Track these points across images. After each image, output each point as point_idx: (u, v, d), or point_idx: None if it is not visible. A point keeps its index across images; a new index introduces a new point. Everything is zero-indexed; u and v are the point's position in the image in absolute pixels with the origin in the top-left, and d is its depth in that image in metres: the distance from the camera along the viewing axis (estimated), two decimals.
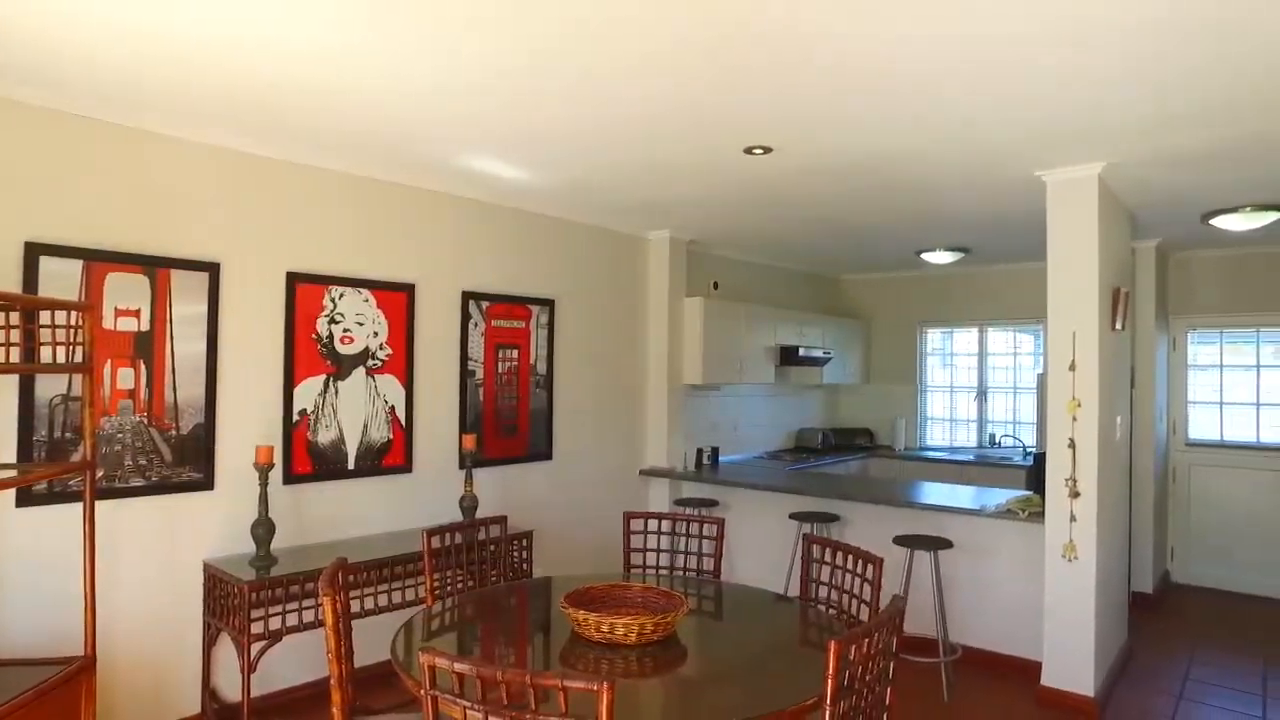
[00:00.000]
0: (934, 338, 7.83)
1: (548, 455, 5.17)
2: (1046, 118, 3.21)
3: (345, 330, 4.06)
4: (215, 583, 3.42)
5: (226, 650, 3.58)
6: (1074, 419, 4.00)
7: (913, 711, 3.93)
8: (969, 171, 4.02)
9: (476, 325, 4.73)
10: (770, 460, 6.72)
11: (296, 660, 3.84)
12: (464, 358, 4.65)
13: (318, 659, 3.86)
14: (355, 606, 3.52)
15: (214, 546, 3.56)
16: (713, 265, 6.55)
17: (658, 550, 3.52)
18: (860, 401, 8.10)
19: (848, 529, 5.04)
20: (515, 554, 4.19)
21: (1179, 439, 6.41)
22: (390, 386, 4.25)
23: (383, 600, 3.67)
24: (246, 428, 3.69)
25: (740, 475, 5.53)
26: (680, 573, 3.51)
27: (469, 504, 4.29)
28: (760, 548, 5.46)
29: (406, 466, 4.33)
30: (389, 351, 4.24)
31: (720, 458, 6.28)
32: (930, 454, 7.30)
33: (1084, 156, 3.77)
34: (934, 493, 4.88)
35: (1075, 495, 3.98)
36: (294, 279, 3.85)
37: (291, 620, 3.35)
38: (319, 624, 3.29)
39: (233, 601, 3.27)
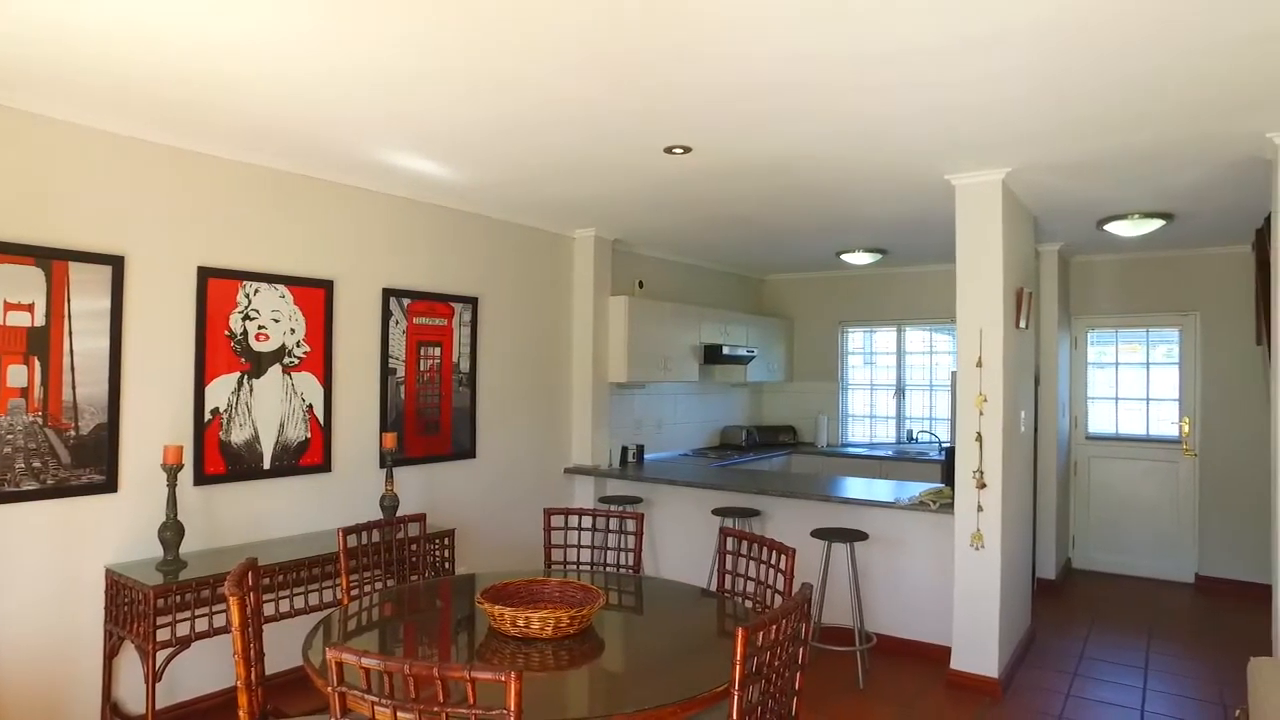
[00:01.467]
0: (855, 337, 8.05)
1: (471, 454, 5.13)
2: (953, 124, 3.34)
3: (261, 327, 3.96)
4: (118, 589, 3.28)
5: (130, 660, 3.44)
6: (980, 413, 4.18)
7: (829, 699, 4.04)
8: (883, 175, 4.15)
9: (398, 323, 4.66)
10: (695, 458, 6.81)
11: (207, 667, 3.72)
12: (385, 355, 4.58)
13: (230, 665, 3.75)
14: (270, 609, 3.44)
15: (117, 551, 3.43)
16: (638, 264, 6.60)
17: (578, 546, 3.53)
18: (783, 399, 8.27)
19: (769, 523, 5.15)
20: (436, 553, 4.15)
21: (1080, 433, 6.75)
22: (308, 384, 4.16)
23: (299, 603, 3.60)
24: (154, 427, 3.56)
25: (664, 473, 5.59)
26: (601, 568, 3.54)
27: (390, 503, 4.23)
28: (684, 544, 5.53)
29: (325, 466, 4.24)
30: (307, 349, 4.15)
31: (645, 455, 6.34)
32: (851, 450, 7.51)
33: (989, 162, 3.94)
34: (852, 487, 5.03)
35: (982, 486, 4.16)
36: (206, 274, 3.74)
37: (201, 625, 3.26)
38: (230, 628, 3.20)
39: (137, 608, 3.15)
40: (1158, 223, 4.97)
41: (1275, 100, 3.03)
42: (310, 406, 4.17)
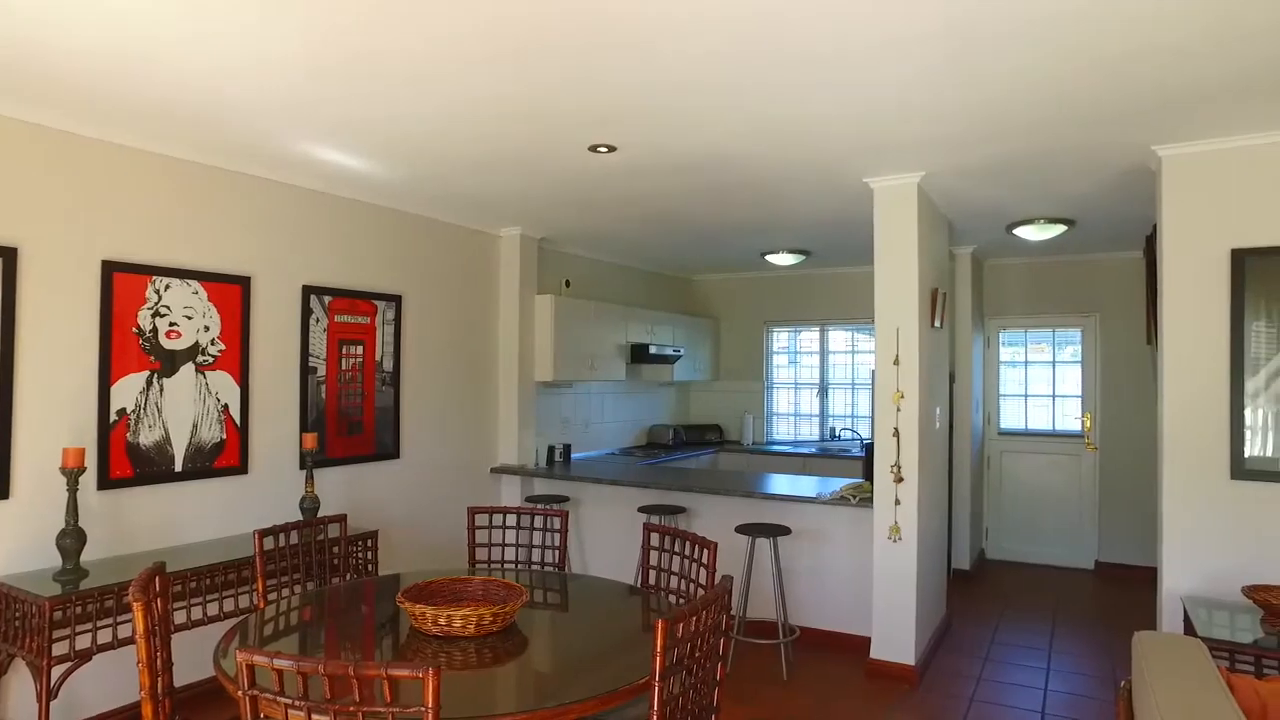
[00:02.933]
0: (780, 337, 8.21)
1: (395, 454, 5.05)
2: (869, 127, 3.45)
3: (172, 324, 3.81)
4: (7, 602, 3.07)
5: (22, 678, 3.25)
6: (898, 410, 4.32)
7: (753, 692, 4.12)
8: (806, 176, 4.25)
9: (318, 320, 4.55)
10: (622, 456, 6.83)
11: (112, 682, 3.56)
12: (305, 354, 4.47)
13: (136, 678, 3.59)
14: (181, 617, 3.31)
15: (8, 562, 3.24)
16: (565, 263, 6.59)
17: (503, 545, 3.52)
18: (710, 398, 8.38)
19: (695, 520, 5.22)
20: (359, 555, 4.07)
21: (992, 429, 7.04)
22: (223, 384, 4.02)
23: (213, 609, 3.47)
24: (52, 429, 3.39)
25: (591, 471, 5.60)
26: (527, 567, 3.53)
27: (310, 505, 4.13)
28: (611, 541, 5.55)
29: (241, 468, 4.11)
30: (222, 347, 4.02)
31: (572, 455, 6.34)
32: (776, 448, 7.66)
33: (904, 166, 4.08)
34: (776, 484, 5.13)
35: (899, 480, 4.30)
36: (111, 268, 3.57)
37: (105, 637, 3.10)
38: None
39: (30, 622, 2.96)
40: (1060, 228, 5.22)
41: (1156, 115, 3.23)
42: (226, 406, 4.03)
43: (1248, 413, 3.51)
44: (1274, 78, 2.86)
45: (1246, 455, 3.51)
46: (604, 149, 3.70)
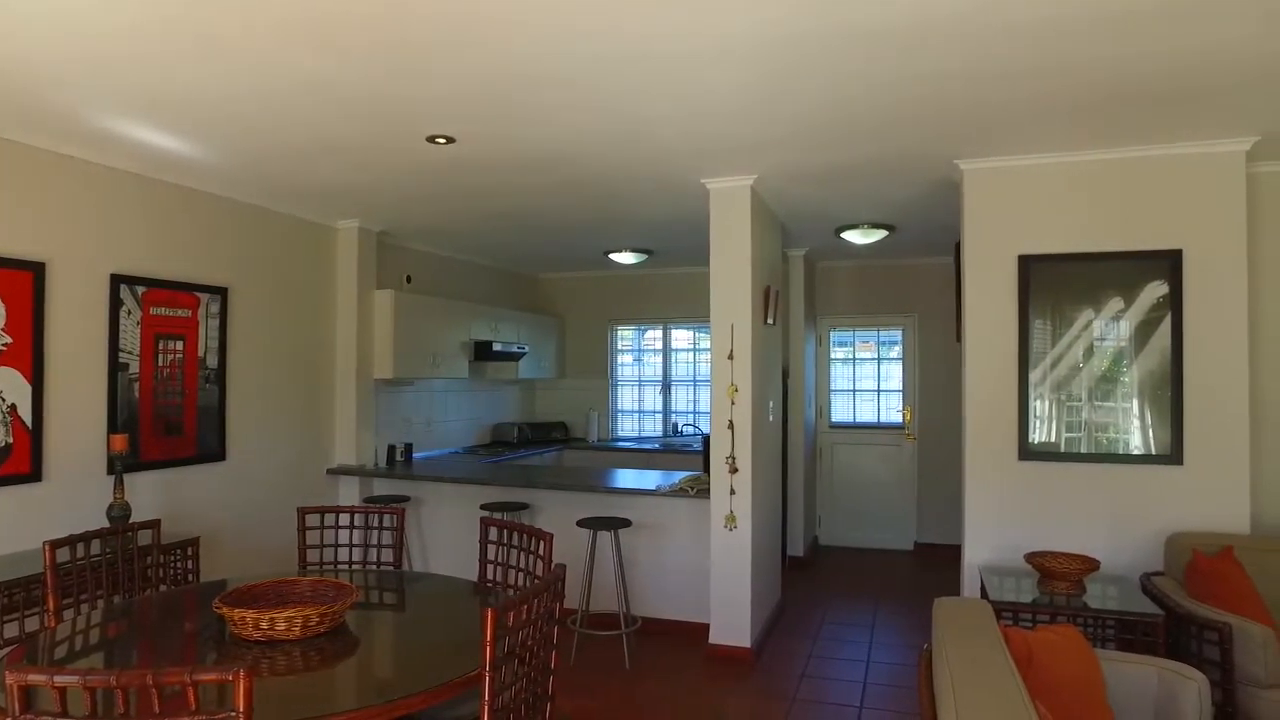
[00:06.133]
0: (624, 335, 8.34)
1: (221, 455, 4.74)
2: (704, 129, 3.58)
3: None
4: None
5: None
6: (732, 403, 4.51)
7: (597, 682, 4.18)
8: (646, 175, 4.35)
9: (130, 313, 4.20)
10: (466, 455, 6.73)
11: None
12: (114, 349, 4.11)
13: None
14: None
15: None
16: (407, 258, 6.41)
17: (336, 545, 3.39)
18: (556, 396, 8.40)
19: (538, 516, 5.22)
20: (177, 563, 3.79)
21: (824, 422, 7.47)
22: (10, 381, 3.63)
23: None
24: None
25: (433, 470, 5.49)
26: (362, 567, 3.42)
27: (120, 513, 3.79)
28: (454, 541, 5.46)
29: (34, 475, 3.73)
30: (8, 340, 3.63)
31: (414, 454, 6.18)
32: (621, 444, 7.78)
33: (739, 168, 4.26)
34: (619, 478, 5.22)
35: (734, 471, 4.49)
36: None
37: None
38: None
39: None
40: (882, 233, 5.62)
41: (958, 132, 3.56)
42: (13, 407, 3.65)
43: (1033, 400, 3.93)
44: (1043, 109, 3.23)
45: (1031, 439, 3.93)
46: (442, 139, 3.64)
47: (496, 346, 6.74)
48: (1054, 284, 3.91)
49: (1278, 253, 4.00)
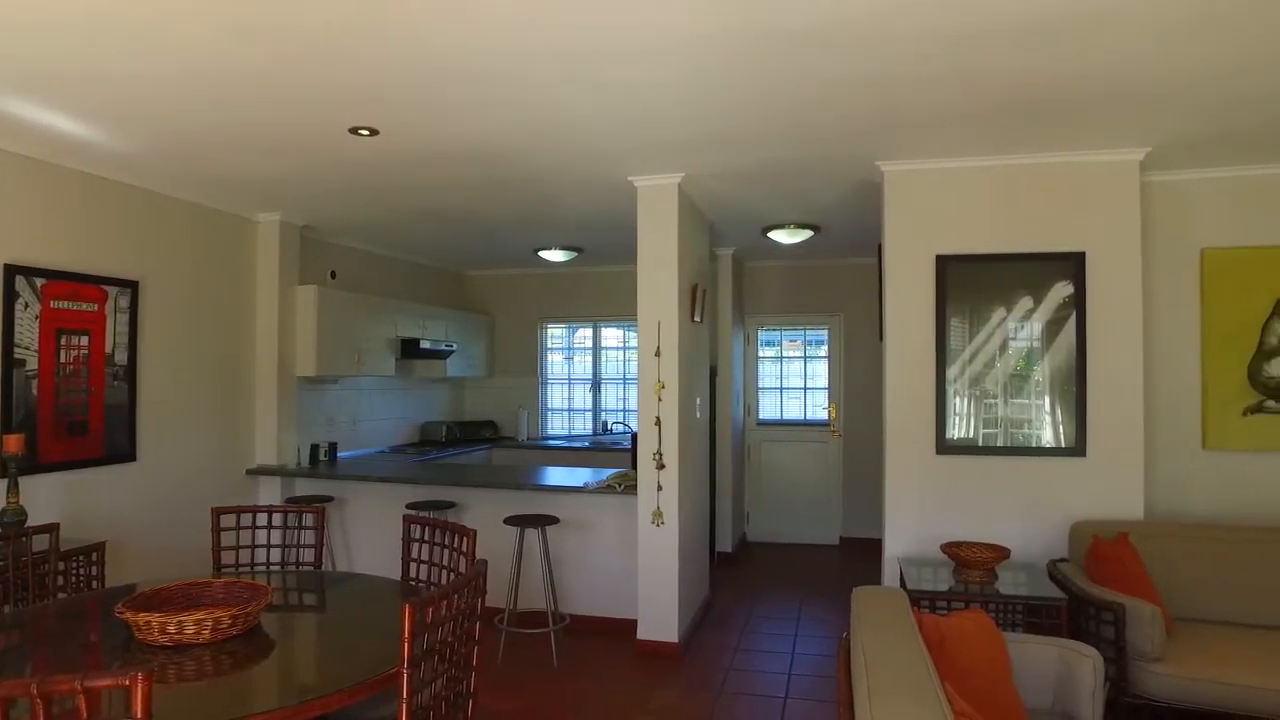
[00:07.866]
0: (554, 333, 8.31)
1: (131, 456, 4.54)
2: (630, 127, 3.59)
3: None
4: None
5: None
6: (659, 400, 4.54)
7: (524, 680, 4.15)
8: (574, 172, 4.34)
9: (28, 306, 3.99)
10: (393, 455, 6.61)
11: None
12: (9, 344, 3.90)
13: None
14: None
15: None
16: (331, 254, 6.26)
17: (253, 546, 3.29)
18: (485, 394, 8.31)
19: (465, 514, 5.16)
20: (80, 570, 3.62)
21: (752, 420, 7.58)
22: None
23: None
24: None
25: (358, 470, 5.37)
26: (280, 568, 3.32)
27: (13, 518, 3.61)
28: (379, 541, 5.35)
29: None
30: None
31: (339, 453, 6.03)
32: (550, 442, 7.74)
33: (666, 167, 4.30)
34: (547, 475, 5.19)
35: (661, 467, 4.52)
36: None
37: None
38: None
39: None
40: (808, 233, 5.74)
41: (879, 135, 3.66)
42: None
43: (950, 397, 4.07)
44: (957, 114, 3.35)
45: (949, 434, 4.06)
46: (365, 131, 3.56)
47: (424, 344, 6.63)
48: (970, 283, 4.06)
49: (1168, 257, 4.23)
